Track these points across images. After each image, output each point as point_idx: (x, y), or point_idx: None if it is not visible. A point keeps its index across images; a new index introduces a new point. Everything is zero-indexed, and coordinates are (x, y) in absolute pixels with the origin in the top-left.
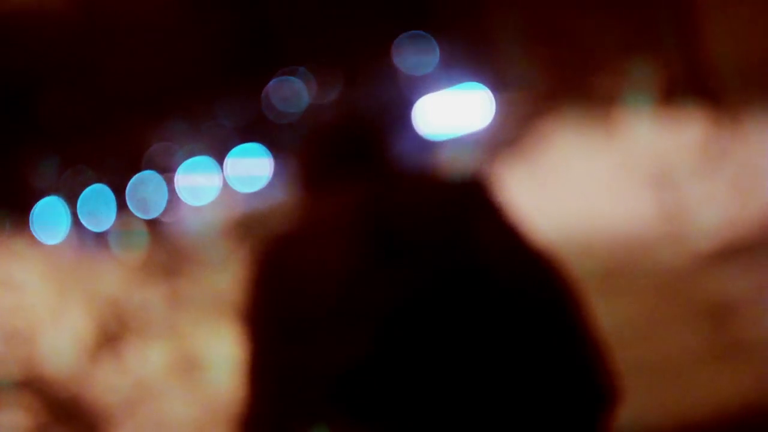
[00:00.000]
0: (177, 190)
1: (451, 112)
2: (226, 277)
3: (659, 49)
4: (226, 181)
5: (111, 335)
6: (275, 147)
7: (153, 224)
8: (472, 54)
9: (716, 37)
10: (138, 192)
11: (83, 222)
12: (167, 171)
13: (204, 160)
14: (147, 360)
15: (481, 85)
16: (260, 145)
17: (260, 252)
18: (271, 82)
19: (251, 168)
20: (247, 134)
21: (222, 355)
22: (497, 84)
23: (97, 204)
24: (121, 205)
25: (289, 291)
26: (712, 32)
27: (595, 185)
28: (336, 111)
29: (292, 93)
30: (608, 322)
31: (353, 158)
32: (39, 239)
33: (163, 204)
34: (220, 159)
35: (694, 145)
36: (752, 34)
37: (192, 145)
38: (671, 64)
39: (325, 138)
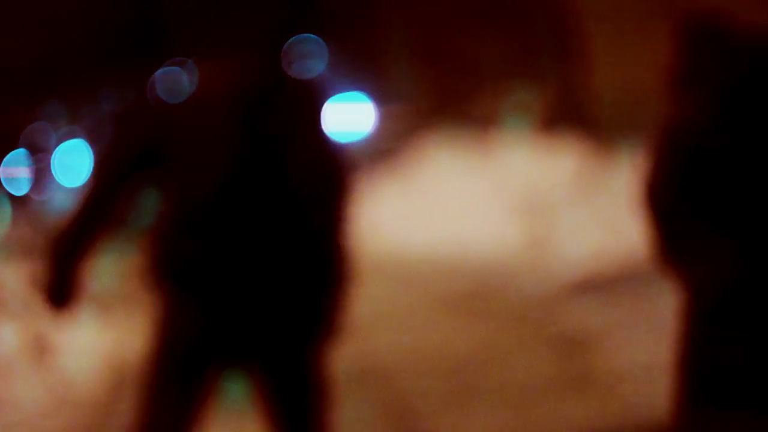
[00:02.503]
0: (50, 170)
1: (333, 118)
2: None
3: (540, 75)
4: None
5: None
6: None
7: (22, 202)
8: (357, 64)
9: (598, 67)
10: (10, 169)
11: None
12: (42, 151)
13: (79, 143)
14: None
15: (363, 96)
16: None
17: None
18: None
19: None
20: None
21: (75, 340)
22: (378, 96)
23: None
24: None
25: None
26: (594, 61)
27: (466, 206)
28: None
29: (176, 84)
30: (466, 342)
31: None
32: None
33: (34, 182)
34: (94, 143)
35: (568, 174)
36: (633, 65)
37: (69, 128)
38: (551, 90)
39: None
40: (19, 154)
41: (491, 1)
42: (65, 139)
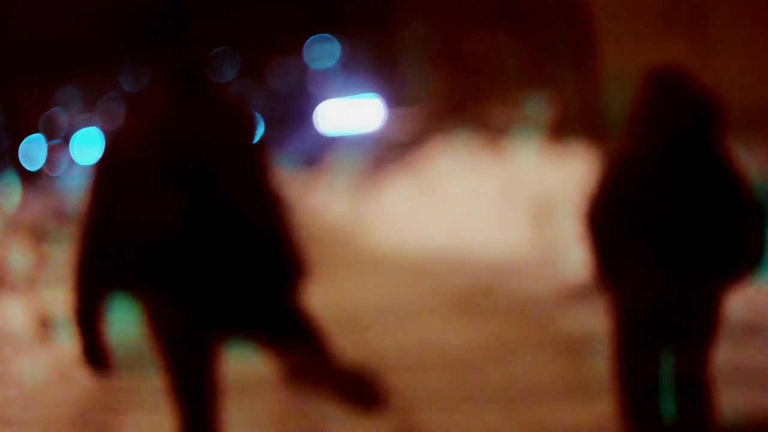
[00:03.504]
0: (64, 153)
1: (349, 115)
2: None
3: (555, 85)
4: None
5: None
6: None
7: (35, 181)
8: (375, 64)
9: (609, 78)
10: (27, 150)
11: None
12: (57, 135)
13: (92, 131)
14: (6, 313)
15: (377, 96)
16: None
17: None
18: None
19: None
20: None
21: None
22: (394, 96)
23: None
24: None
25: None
26: (605, 73)
27: (474, 206)
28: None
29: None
30: (467, 340)
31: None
32: None
33: (48, 162)
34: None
35: (576, 179)
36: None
37: (84, 115)
38: (565, 100)
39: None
40: (36, 137)
41: (508, 6)
42: (80, 127)
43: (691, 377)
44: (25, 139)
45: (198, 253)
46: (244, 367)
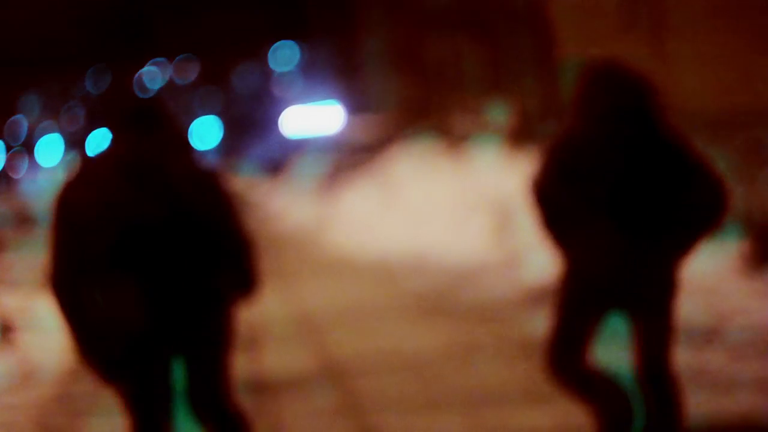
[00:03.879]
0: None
1: (311, 121)
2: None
3: (515, 91)
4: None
5: None
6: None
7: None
8: (337, 70)
9: (567, 84)
10: None
11: None
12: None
13: (54, 137)
14: None
15: (339, 102)
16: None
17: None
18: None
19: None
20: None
21: (38, 321)
22: (356, 102)
23: None
24: None
25: (76, 209)
26: (563, 79)
27: (435, 211)
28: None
29: (154, 80)
30: (429, 343)
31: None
32: None
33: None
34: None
35: None
36: None
37: (46, 122)
38: (524, 106)
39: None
40: None
41: (469, 12)
42: (42, 133)
43: (654, 361)
44: None
45: (157, 261)
46: None
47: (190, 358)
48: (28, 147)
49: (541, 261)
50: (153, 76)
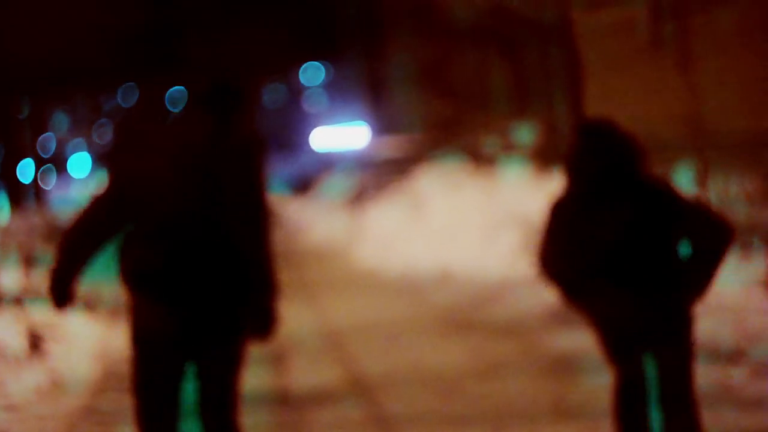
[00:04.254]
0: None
1: (339, 141)
2: None
3: (542, 113)
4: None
5: None
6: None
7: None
8: (364, 91)
9: (593, 106)
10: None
11: None
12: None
13: (83, 156)
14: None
15: (366, 123)
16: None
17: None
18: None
19: None
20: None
21: (67, 332)
22: (383, 123)
23: None
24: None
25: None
26: (590, 101)
27: (463, 230)
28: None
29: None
30: (453, 357)
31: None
32: None
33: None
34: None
35: None
36: (627, 99)
37: (75, 140)
38: (551, 128)
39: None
40: (27, 162)
41: (496, 32)
42: (71, 151)
43: (674, 391)
44: (18, 163)
45: (187, 268)
46: None
47: (202, 368)
48: (58, 163)
49: None
50: (183, 94)
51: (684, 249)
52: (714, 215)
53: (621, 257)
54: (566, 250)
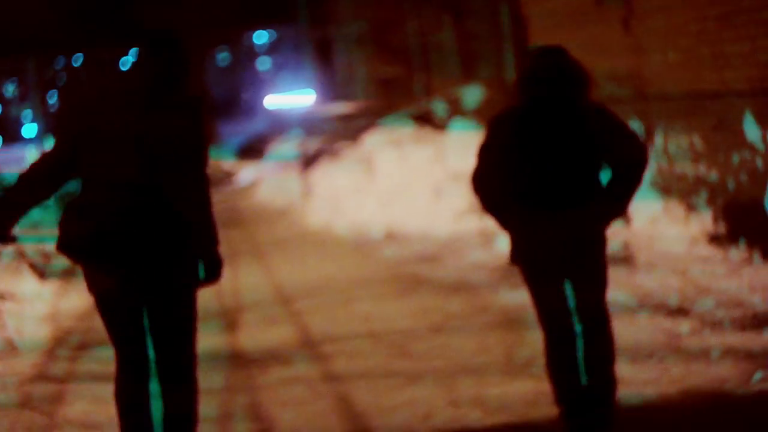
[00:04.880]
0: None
1: (288, 106)
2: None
3: (489, 74)
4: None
5: None
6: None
7: None
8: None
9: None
10: None
11: None
12: None
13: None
14: None
15: (314, 89)
16: None
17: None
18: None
19: None
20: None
21: (20, 294)
22: (331, 89)
23: None
24: None
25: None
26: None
27: (411, 190)
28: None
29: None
30: (403, 310)
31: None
32: None
33: None
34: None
35: None
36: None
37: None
38: (499, 88)
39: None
40: None
41: None
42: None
43: (590, 313)
44: None
45: (128, 226)
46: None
47: (156, 322)
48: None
49: None
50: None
51: (605, 174)
52: (636, 141)
53: (549, 178)
54: (497, 169)
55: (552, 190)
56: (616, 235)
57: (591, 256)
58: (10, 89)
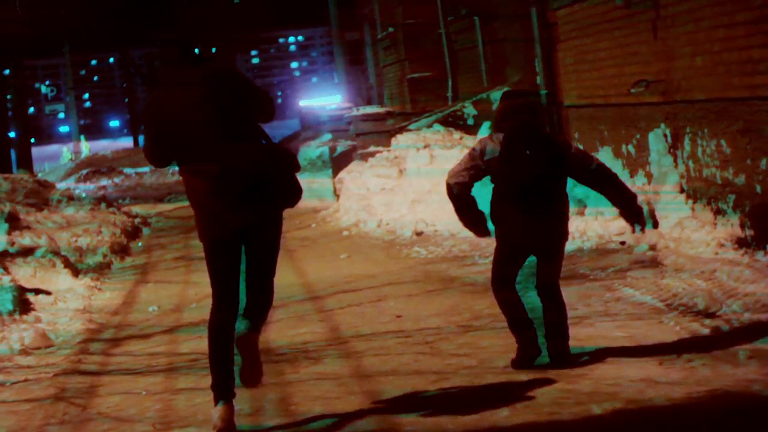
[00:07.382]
0: None
1: (319, 109)
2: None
3: (521, 78)
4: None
5: None
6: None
7: None
8: (348, 62)
9: (567, 71)
10: None
11: None
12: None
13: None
14: None
15: (345, 93)
16: None
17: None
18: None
19: None
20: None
21: (54, 291)
22: (362, 93)
23: None
24: None
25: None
26: (564, 66)
27: (443, 188)
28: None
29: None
30: (437, 306)
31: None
32: None
33: None
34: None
35: None
36: (597, 67)
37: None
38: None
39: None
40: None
41: (477, 3)
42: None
43: (549, 283)
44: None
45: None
46: None
47: (252, 243)
48: (46, 126)
49: None
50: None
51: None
52: (588, 157)
53: (528, 189)
54: (474, 177)
55: (527, 191)
56: (643, 238)
57: (556, 243)
58: (44, 89)
